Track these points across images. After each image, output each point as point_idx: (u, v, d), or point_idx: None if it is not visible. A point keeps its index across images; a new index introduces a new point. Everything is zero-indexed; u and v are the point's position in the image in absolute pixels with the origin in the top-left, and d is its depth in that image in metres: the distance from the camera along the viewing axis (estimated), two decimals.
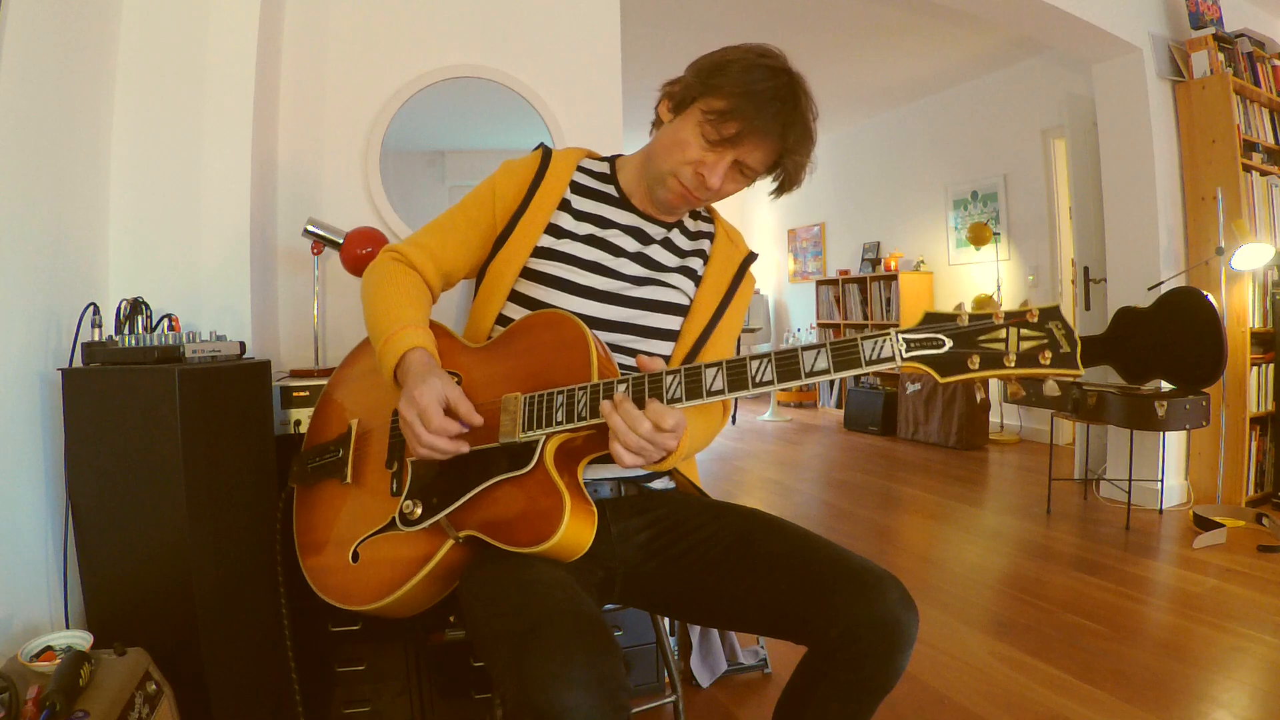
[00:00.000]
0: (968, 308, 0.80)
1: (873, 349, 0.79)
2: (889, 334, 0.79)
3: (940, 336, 0.78)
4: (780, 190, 1.09)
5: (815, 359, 0.81)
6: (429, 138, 2.02)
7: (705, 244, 1.18)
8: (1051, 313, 0.77)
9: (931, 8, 3.55)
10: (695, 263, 1.16)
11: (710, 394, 0.83)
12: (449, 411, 0.90)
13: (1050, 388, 0.77)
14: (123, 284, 1.44)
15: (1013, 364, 0.76)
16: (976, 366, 0.77)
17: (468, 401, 0.91)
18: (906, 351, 0.78)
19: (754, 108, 0.97)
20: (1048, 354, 0.75)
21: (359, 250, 1.64)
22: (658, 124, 1.09)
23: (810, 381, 0.81)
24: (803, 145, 1.02)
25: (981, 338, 0.77)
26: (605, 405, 0.85)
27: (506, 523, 0.88)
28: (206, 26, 1.54)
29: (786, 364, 0.81)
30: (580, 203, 1.12)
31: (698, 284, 1.15)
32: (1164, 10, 3.28)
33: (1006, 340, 0.77)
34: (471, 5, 2.01)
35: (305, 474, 1.12)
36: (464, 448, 0.90)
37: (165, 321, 1.30)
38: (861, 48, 4.56)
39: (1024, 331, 0.76)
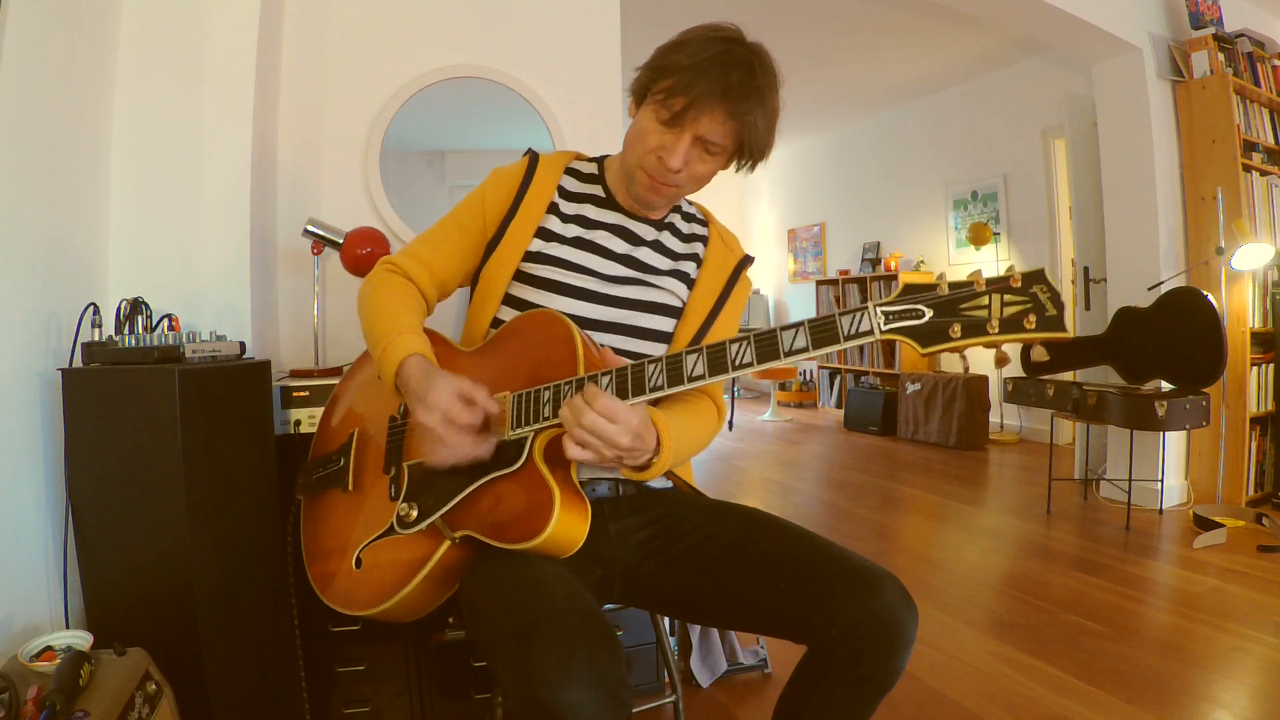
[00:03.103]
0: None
1: (851, 324, 0.78)
2: (867, 308, 0.78)
3: (920, 307, 0.77)
4: (750, 163, 1.05)
5: (794, 338, 0.80)
6: (429, 138, 2.02)
7: (699, 247, 1.18)
8: (1035, 276, 0.75)
9: (931, 8, 3.54)
10: (688, 266, 1.16)
11: (691, 379, 0.83)
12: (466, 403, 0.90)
13: (1038, 353, 0.76)
14: (123, 284, 1.44)
15: (996, 330, 0.74)
16: (958, 335, 0.75)
17: (482, 387, 0.91)
18: (885, 324, 0.77)
19: (697, 76, 0.95)
20: (1032, 318, 0.73)
21: (359, 250, 1.64)
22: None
23: (790, 362, 0.80)
24: (752, 107, 0.97)
25: (963, 306, 0.76)
26: (565, 400, 0.85)
27: (499, 520, 0.88)
28: (206, 27, 1.54)
29: (765, 344, 0.81)
30: (568, 205, 1.13)
31: (691, 287, 1.15)
32: (1164, 10, 3.28)
33: (989, 307, 0.75)
34: (471, 5, 2.01)
35: (310, 485, 1.13)
36: (489, 446, 0.90)
37: (165, 321, 1.30)
38: (861, 48, 4.56)
39: (1008, 297, 0.75)
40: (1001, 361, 0.78)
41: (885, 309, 0.77)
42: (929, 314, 0.76)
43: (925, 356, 0.77)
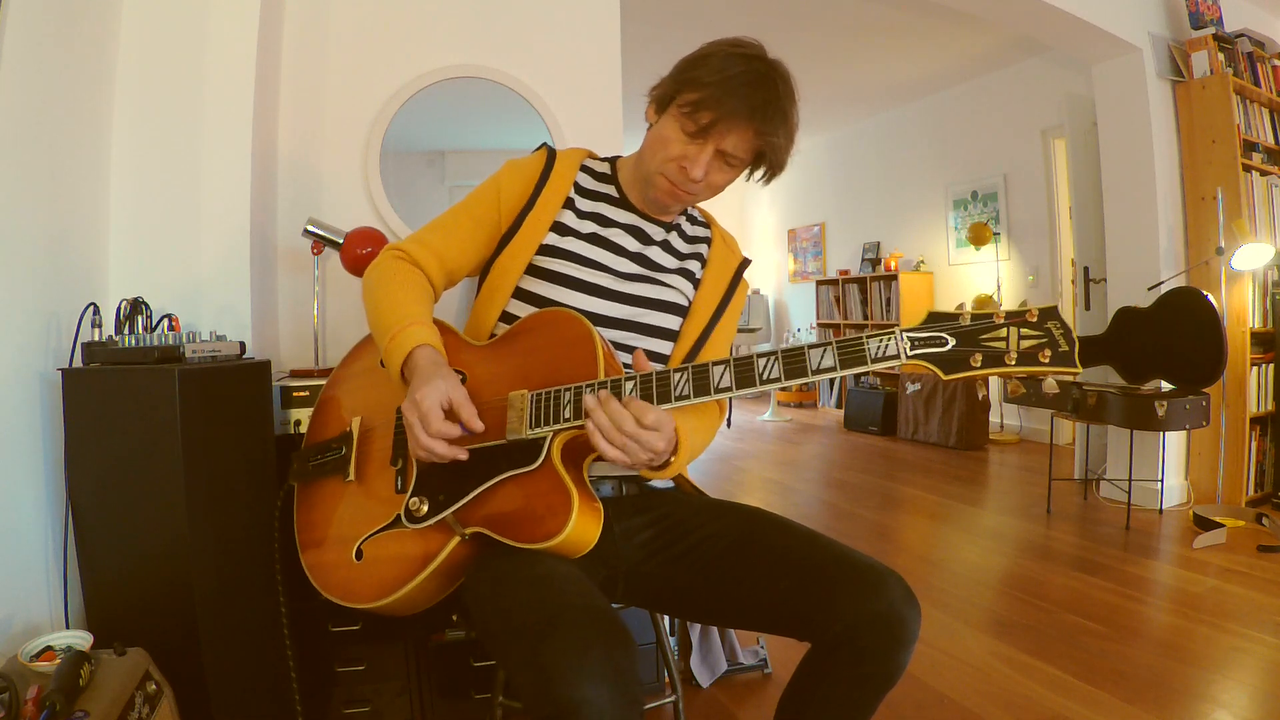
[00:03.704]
0: (969, 308, 0.81)
1: (878, 347, 0.81)
2: (894, 333, 0.81)
3: (944, 335, 0.80)
4: (766, 177, 1.08)
5: (821, 357, 0.82)
6: (429, 138, 2.02)
7: (703, 248, 1.20)
8: (1050, 313, 0.79)
9: (931, 8, 3.55)
10: (693, 265, 1.18)
11: (719, 391, 0.84)
12: (450, 414, 0.90)
13: (1049, 385, 0.80)
14: (123, 284, 1.44)
15: (1013, 362, 0.78)
16: (979, 364, 0.79)
17: (471, 405, 0.91)
18: (911, 350, 0.80)
19: (725, 94, 0.97)
20: (1047, 352, 0.78)
21: (359, 250, 1.64)
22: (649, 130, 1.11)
23: (817, 379, 0.83)
24: (776, 128, 1.00)
25: (983, 336, 0.79)
26: (589, 401, 0.85)
27: (514, 519, 0.88)
28: (206, 27, 1.54)
29: (793, 361, 0.83)
30: (583, 202, 1.13)
31: (696, 286, 1.17)
32: (1164, 10, 3.28)
33: (1007, 339, 0.79)
34: (471, 5, 2.01)
35: (306, 471, 1.11)
36: (461, 455, 0.91)
37: (165, 321, 1.30)
38: (861, 48, 4.56)
39: (1024, 331, 0.79)
40: (1015, 392, 0.82)
41: (912, 335, 0.80)
42: (952, 342, 0.80)
43: (947, 381, 0.80)
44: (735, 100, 0.97)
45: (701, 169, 1.02)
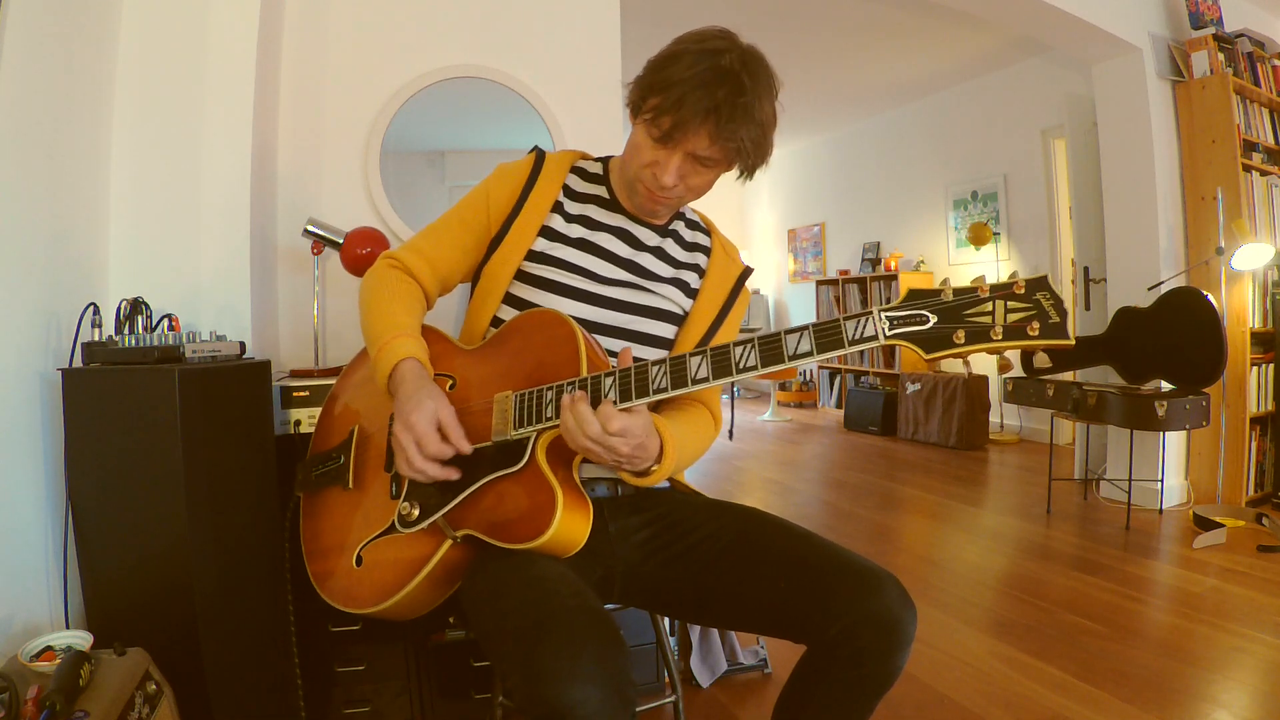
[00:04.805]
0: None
1: (856, 329, 0.78)
2: (871, 313, 0.78)
3: (924, 313, 0.77)
4: (746, 173, 1.04)
5: (798, 341, 0.79)
6: (429, 138, 2.02)
7: (701, 258, 1.18)
8: (1039, 283, 0.75)
9: (931, 8, 3.55)
10: (690, 276, 1.16)
11: (695, 382, 0.83)
12: (441, 434, 0.91)
13: (1040, 359, 0.76)
14: (123, 284, 1.44)
15: (1000, 337, 0.74)
16: (962, 341, 0.75)
17: (459, 427, 0.92)
18: (890, 329, 0.77)
19: (684, 96, 0.93)
20: (1036, 325, 0.73)
21: (359, 250, 1.64)
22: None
23: (794, 365, 0.80)
24: (740, 125, 0.94)
25: (967, 312, 0.75)
26: (565, 400, 0.85)
27: (502, 520, 0.88)
28: (206, 27, 1.54)
29: (770, 347, 0.80)
30: (573, 205, 1.12)
31: (693, 297, 1.15)
32: (1164, 10, 3.29)
33: (993, 313, 0.75)
34: (471, 5, 2.01)
35: (309, 482, 1.13)
36: (453, 475, 0.91)
37: (165, 321, 1.30)
38: (862, 48, 4.56)
39: (1011, 304, 0.74)
40: (1005, 368, 0.79)
41: (890, 314, 0.77)
42: (933, 320, 0.76)
43: (929, 362, 0.78)
44: (693, 102, 0.93)
45: (672, 175, 1.00)
